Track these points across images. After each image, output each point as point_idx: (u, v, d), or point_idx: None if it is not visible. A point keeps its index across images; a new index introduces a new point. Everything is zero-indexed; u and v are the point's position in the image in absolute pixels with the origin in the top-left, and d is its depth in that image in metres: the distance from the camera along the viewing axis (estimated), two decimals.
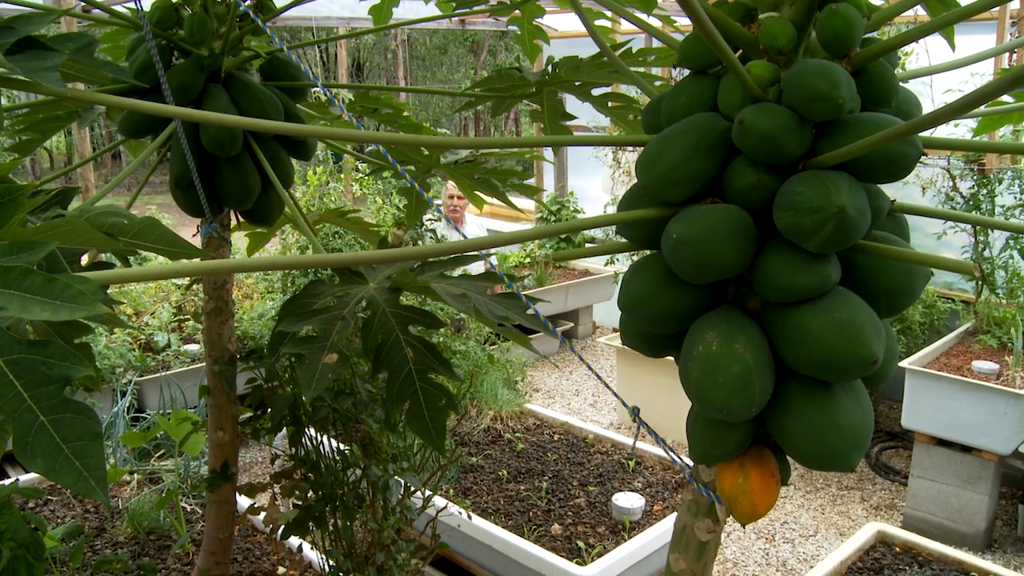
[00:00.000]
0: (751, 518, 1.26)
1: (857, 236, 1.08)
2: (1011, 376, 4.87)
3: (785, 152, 1.10)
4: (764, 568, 4.71)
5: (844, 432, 1.13)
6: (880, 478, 5.81)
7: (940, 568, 3.28)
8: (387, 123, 2.65)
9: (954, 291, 6.19)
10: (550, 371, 7.69)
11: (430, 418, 1.85)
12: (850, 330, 1.07)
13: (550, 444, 4.53)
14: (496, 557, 3.55)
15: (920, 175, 5.88)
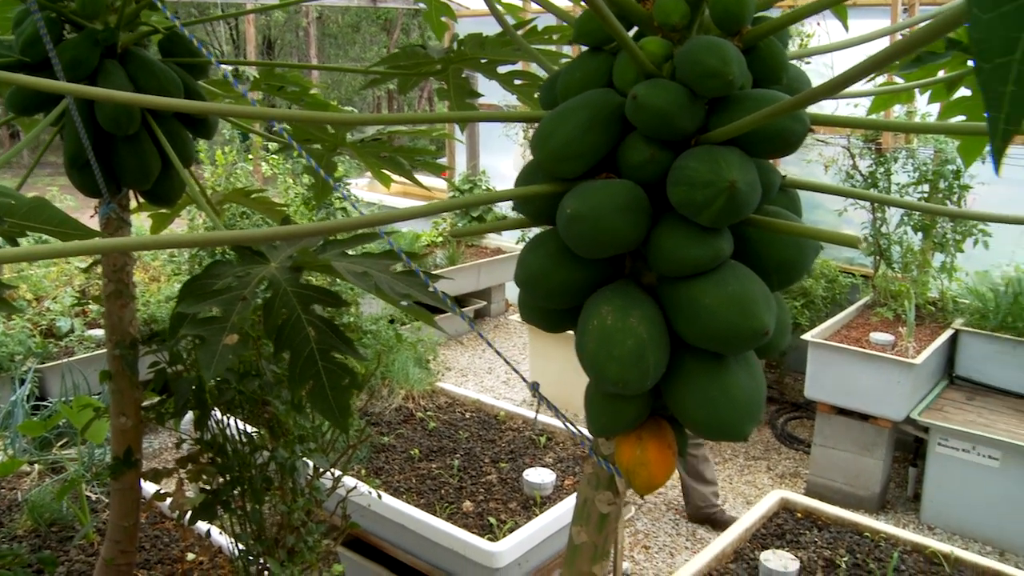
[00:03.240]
0: (649, 489, 1.28)
1: (748, 210, 1.10)
2: (905, 346, 5.06)
3: (678, 127, 1.11)
4: (675, 538, 4.81)
5: (737, 403, 1.15)
6: (785, 447, 5.98)
7: (837, 531, 3.39)
8: (293, 101, 2.60)
9: (855, 266, 6.37)
10: (463, 350, 7.70)
11: (333, 397, 1.84)
12: (741, 303, 1.09)
13: (462, 422, 4.53)
14: (408, 535, 3.55)
15: (823, 153, 6.03)
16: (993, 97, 0.56)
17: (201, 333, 1.82)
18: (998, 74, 0.55)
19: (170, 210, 2.69)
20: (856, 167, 5.83)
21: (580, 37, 1.27)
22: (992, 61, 0.55)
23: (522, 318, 1.35)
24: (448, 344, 7.73)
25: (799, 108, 0.98)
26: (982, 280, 5.62)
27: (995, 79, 0.55)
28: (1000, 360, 5.24)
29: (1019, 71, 0.54)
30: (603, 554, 1.45)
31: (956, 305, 5.69)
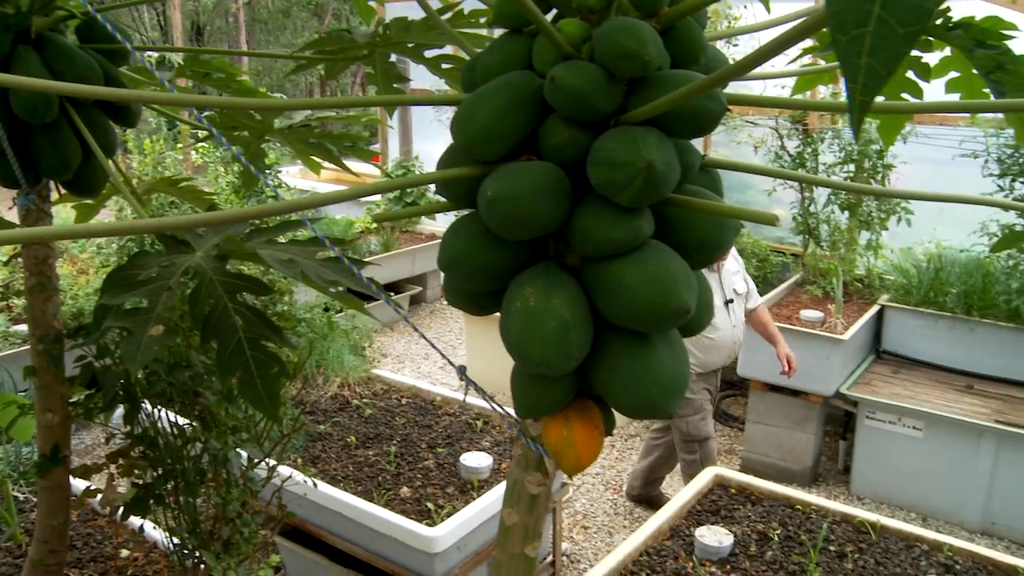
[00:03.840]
0: (577, 469, 1.29)
1: (666, 190, 1.11)
2: (833, 323, 5.17)
3: (596, 109, 1.12)
4: (613, 517, 4.86)
5: (660, 381, 1.16)
6: (721, 425, 6.07)
7: (770, 505, 3.46)
8: (220, 88, 2.56)
9: (785, 245, 6.48)
10: (400, 336, 7.67)
11: (263, 386, 1.82)
12: (662, 282, 1.11)
13: (398, 408, 4.53)
14: (347, 524, 3.54)
15: (752, 135, 6.11)
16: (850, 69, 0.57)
17: (126, 325, 1.79)
18: (853, 46, 0.56)
19: (95, 200, 2.63)
20: (784, 148, 5.93)
21: (499, 20, 1.27)
22: (848, 33, 0.56)
23: (448, 301, 1.35)
24: (384, 331, 7.70)
25: (712, 88, 0.99)
26: (906, 257, 5.77)
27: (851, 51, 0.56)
28: (923, 334, 5.39)
29: (873, 43, 0.55)
30: (534, 535, 1.46)
31: (882, 282, 5.83)
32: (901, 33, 0.55)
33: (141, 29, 20.90)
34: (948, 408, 4.86)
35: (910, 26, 0.55)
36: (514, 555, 1.47)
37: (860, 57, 0.56)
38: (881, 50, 0.55)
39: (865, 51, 0.56)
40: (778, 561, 3.10)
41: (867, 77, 0.57)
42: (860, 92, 0.57)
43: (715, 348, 4.56)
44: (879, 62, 0.55)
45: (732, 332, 4.57)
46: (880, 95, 1.87)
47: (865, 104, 0.57)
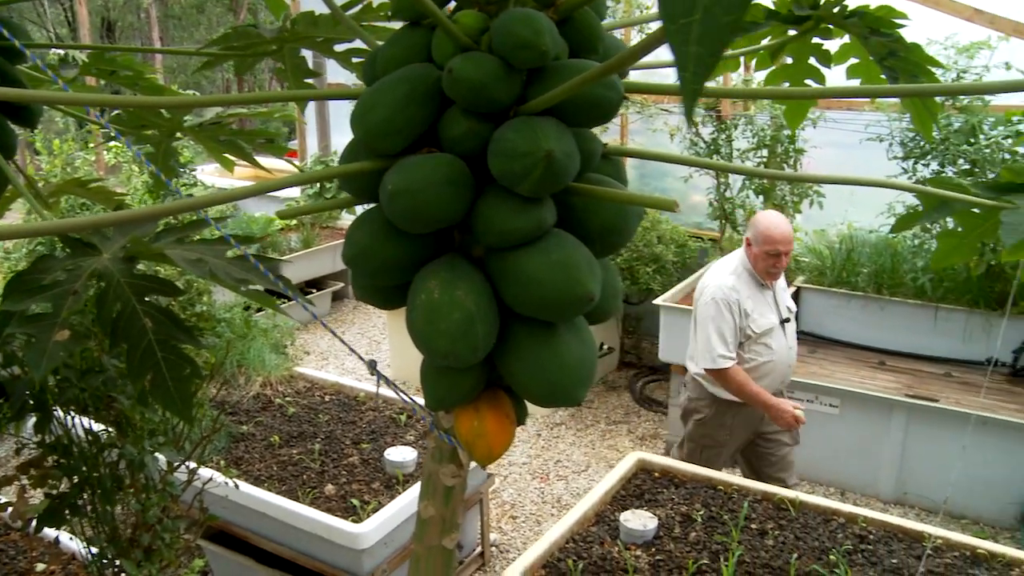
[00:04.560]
0: (489, 459, 1.29)
1: (567, 179, 1.12)
2: None
3: (495, 100, 1.12)
4: (540, 506, 4.89)
5: (568, 369, 1.17)
6: (644, 410, 6.15)
7: (693, 487, 3.52)
8: (127, 86, 2.50)
9: (703, 230, 6.57)
10: (323, 333, 7.60)
11: (175, 388, 1.79)
12: (565, 270, 1.11)
13: (322, 405, 4.49)
14: (272, 524, 3.51)
15: (668, 123, 6.18)
16: (680, 57, 0.58)
17: (29, 331, 1.74)
18: (682, 34, 0.57)
19: None
20: (699, 135, 6.01)
21: (398, 12, 1.27)
22: (677, 22, 0.57)
23: (356, 296, 1.34)
24: (307, 328, 7.61)
25: (607, 76, 1.00)
26: (820, 239, 5.90)
27: (680, 39, 0.58)
28: (837, 313, 5.52)
29: (700, 31, 0.57)
30: (451, 526, 1.46)
31: (797, 264, 5.95)
32: (725, 21, 0.57)
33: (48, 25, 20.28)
34: (862, 384, 5.00)
35: (732, 14, 0.57)
36: (432, 548, 1.47)
37: (688, 45, 0.57)
38: (707, 38, 0.57)
39: (693, 40, 0.57)
40: (701, 541, 3.16)
41: (696, 64, 0.58)
42: (691, 80, 0.58)
43: (770, 372, 4.04)
44: (706, 49, 0.57)
45: (788, 354, 4.11)
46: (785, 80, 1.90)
47: (695, 91, 0.59)
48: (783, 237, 3.88)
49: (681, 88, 0.58)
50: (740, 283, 3.98)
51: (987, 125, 5.08)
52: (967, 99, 5.12)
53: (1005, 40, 5.05)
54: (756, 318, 3.96)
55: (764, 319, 3.99)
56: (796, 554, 3.07)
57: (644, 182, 7.13)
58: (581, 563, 2.99)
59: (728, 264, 4.13)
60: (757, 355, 4.00)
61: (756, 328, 3.97)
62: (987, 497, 4.66)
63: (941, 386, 5.07)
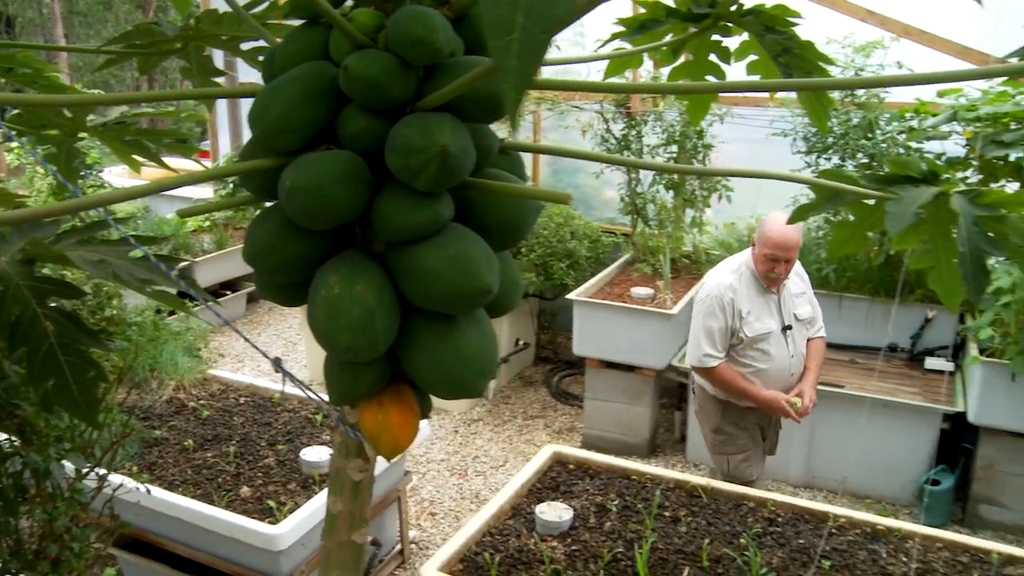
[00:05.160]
0: (394, 452, 1.31)
1: (463, 174, 1.14)
2: (663, 299, 5.35)
3: (390, 96, 1.14)
4: (459, 502, 4.91)
5: (468, 361, 1.20)
6: (561, 404, 6.21)
7: (608, 477, 3.58)
8: (26, 84, 2.44)
9: (616, 225, 6.66)
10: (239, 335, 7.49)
11: (79, 392, 1.76)
12: (463, 263, 1.14)
13: (236, 408, 4.44)
14: (187, 529, 3.46)
15: (579, 119, 6.24)
16: (503, 70, 0.63)
17: None
18: (505, 50, 0.62)
19: None
20: (610, 131, 6.09)
21: (294, 10, 1.27)
22: (500, 39, 0.62)
23: (259, 294, 1.34)
24: (222, 331, 7.49)
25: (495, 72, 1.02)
26: (730, 232, 6.03)
27: (503, 55, 0.62)
28: None
29: (519, 47, 0.62)
30: (360, 521, 1.47)
31: (708, 256, 6.08)
32: (541, 39, 0.63)
33: None
34: None
35: (547, 32, 0.62)
36: (342, 543, 1.48)
37: (510, 59, 0.61)
38: (526, 53, 0.61)
39: (513, 55, 0.61)
40: (616, 530, 3.21)
41: (516, 77, 0.63)
42: (512, 91, 0.63)
43: (767, 377, 3.85)
44: (525, 63, 0.62)
45: (789, 363, 3.87)
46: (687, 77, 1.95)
47: (517, 100, 0.64)
48: (782, 242, 3.66)
49: (505, 97, 0.63)
50: (740, 283, 3.82)
51: (883, 121, 5.25)
52: (865, 96, 5.28)
53: (896, 40, 5.23)
54: (751, 321, 3.79)
55: (760, 323, 3.80)
56: (708, 539, 3.14)
57: (557, 178, 7.20)
58: (498, 556, 3.02)
59: (732, 262, 3.97)
60: (754, 361, 3.83)
61: (750, 332, 3.79)
62: (888, 477, 4.83)
63: (846, 372, 5.24)
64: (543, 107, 6.34)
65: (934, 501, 4.77)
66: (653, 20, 1.88)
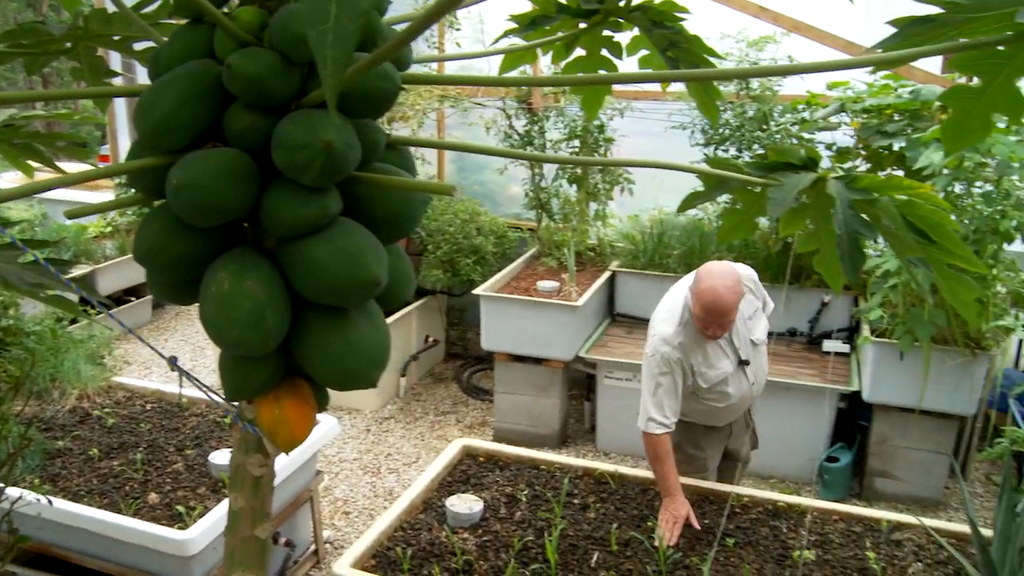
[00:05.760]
0: (292, 446, 1.33)
1: (348, 168, 1.16)
2: (568, 291, 5.43)
3: (275, 94, 1.16)
4: (373, 500, 4.91)
5: (360, 352, 1.22)
6: (472, 399, 6.25)
7: (517, 468, 3.63)
8: None
9: (522, 221, 6.71)
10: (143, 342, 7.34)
11: None
12: (351, 256, 1.16)
13: (143, 415, 4.36)
14: (94, 540, 3.39)
15: (483, 116, 6.28)
16: (320, 58, 0.68)
17: None
18: (321, 39, 0.67)
19: None
20: (512, 127, 6.14)
21: (179, 9, 1.28)
22: (316, 28, 0.67)
23: (152, 293, 1.35)
24: (128, 338, 7.34)
25: (373, 66, 1.05)
26: (633, 224, 6.14)
27: (319, 43, 0.67)
28: (651, 295, 5.71)
29: (334, 37, 0.67)
30: (262, 516, 1.48)
31: (613, 249, 6.18)
32: (351, 28, 0.69)
33: None
34: None
35: (356, 21, 0.68)
36: (245, 539, 1.49)
37: (326, 48, 0.66)
38: (339, 42, 0.66)
39: (329, 44, 0.66)
40: (526, 519, 3.27)
41: (333, 64, 0.68)
42: (330, 76, 0.68)
43: (731, 412, 3.60)
44: (340, 52, 0.66)
45: (750, 391, 3.55)
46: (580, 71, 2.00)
47: (335, 86, 0.69)
48: (711, 308, 3.20)
49: (324, 85, 0.67)
50: (686, 334, 3.36)
51: (777, 113, 5.42)
52: (759, 89, 5.44)
53: (787, 35, 5.41)
54: (705, 371, 3.39)
55: (714, 371, 3.41)
56: (616, 524, 3.22)
57: (463, 175, 7.23)
58: (410, 550, 3.05)
59: (675, 307, 3.46)
60: (714, 402, 3.49)
61: (705, 382, 3.40)
62: (790, 456, 4.99)
63: None
64: (446, 105, 6.36)
65: (833, 477, 4.95)
66: (544, 16, 1.93)
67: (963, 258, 1.57)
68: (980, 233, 4.20)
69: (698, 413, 3.56)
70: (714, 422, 3.64)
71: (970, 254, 1.55)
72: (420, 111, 6.05)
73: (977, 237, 4.21)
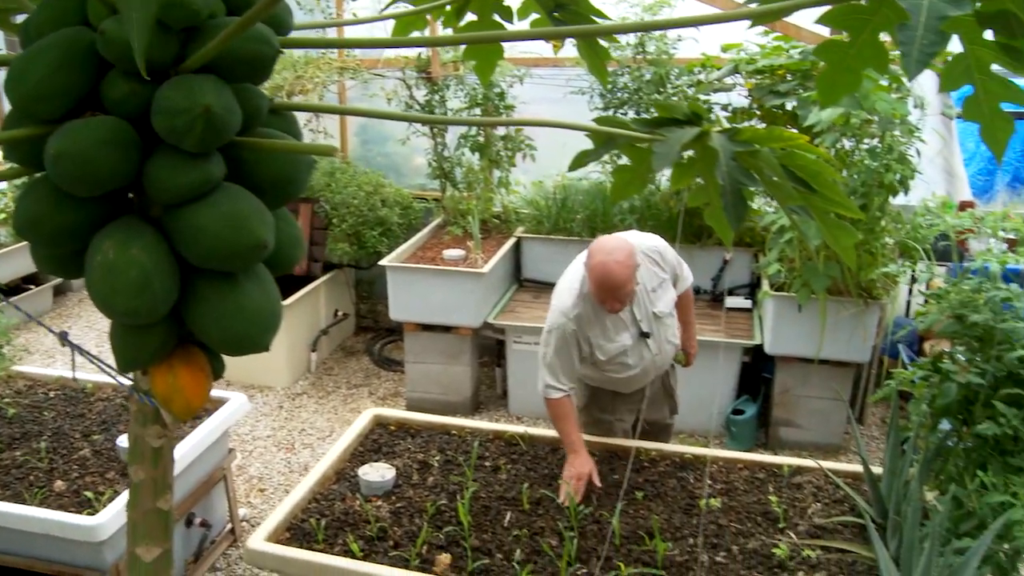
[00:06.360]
0: (188, 414, 1.33)
1: (229, 133, 1.16)
2: (474, 259, 5.46)
3: (151, 60, 1.14)
4: (288, 476, 4.90)
5: (251, 316, 1.23)
6: (384, 371, 6.26)
7: (429, 435, 3.67)
8: None
9: (427, 191, 6.71)
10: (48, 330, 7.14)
11: None
12: (236, 220, 1.17)
13: (46, 403, 4.26)
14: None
15: (384, 87, 6.24)
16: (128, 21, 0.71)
17: None
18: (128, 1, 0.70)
19: None
20: (413, 97, 6.12)
21: None
22: None
23: (37, 268, 1.33)
24: (28, 327, 7.13)
25: (244, 29, 1.06)
26: (538, 190, 6.18)
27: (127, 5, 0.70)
28: (556, 259, 5.80)
29: None
30: (164, 487, 1.48)
31: (518, 215, 6.22)
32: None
33: None
34: None
35: None
36: (147, 511, 1.49)
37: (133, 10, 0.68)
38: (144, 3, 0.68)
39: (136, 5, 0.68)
40: (439, 484, 3.30)
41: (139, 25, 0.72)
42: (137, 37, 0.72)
43: (631, 382, 3.61)
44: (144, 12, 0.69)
45: (653, 362, 3.55)
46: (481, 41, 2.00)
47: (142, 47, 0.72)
48: (604, 283, 3.21)
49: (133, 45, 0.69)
50: (584, 307, 3.37)
51: (674, 75, 5.51)
52: (655, 52, 5.52)
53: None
54: (603, 344, 3.42)
55: (613, 344, 3.43)
56: (527, 483, 3.28)
57: (367, 148, 7.19)
58: (324, 520, 3.06)
59: (575, 278, 3.46)
60: (614, 373, 3.52)
61: (603, 355, 3.43)
62: (698, 411, 5.12)
63: None
64: (346, 76, 6.31)
65: (740, 429, 5.11)
66: None
67: (841, 205, 1.63)
68: (867, 187, 4.36)
69: (602, 380, 3.64)
70: (620, 389, 3.69)
71: (847, 201, 1.62)
72: (320, 83, 5.98)
73: (864, 191, 4.36)
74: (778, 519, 3.10)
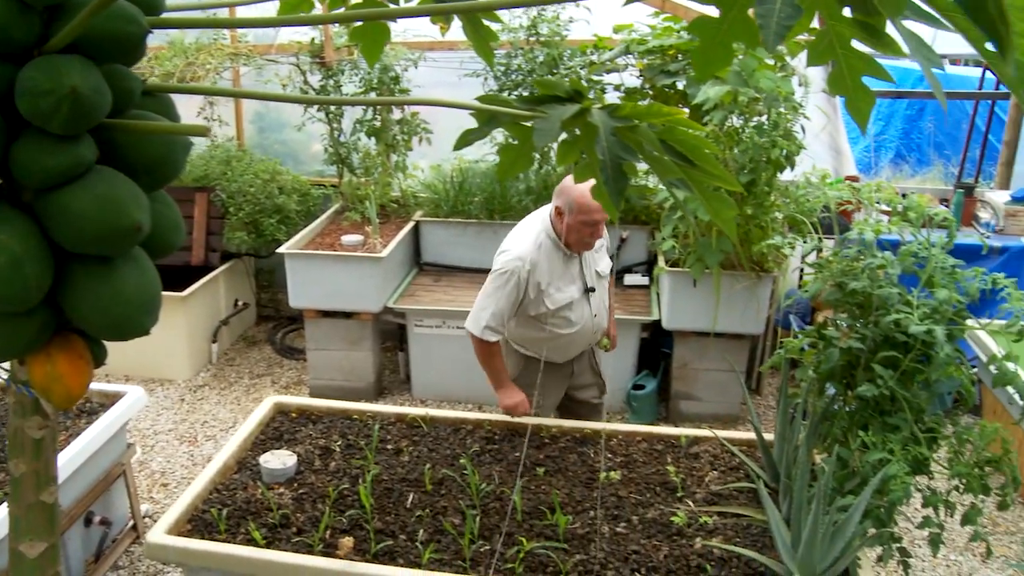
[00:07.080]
0: (69, 403, 1.31)
1: (99, 115, 1.14)
2: (372, 244, 5.44)
3: (11, 39, 1.12)
4: (191, 469, 4.82)
5: (129, 300, 1.21)
6: (287, 360, 6.20)
7: (330, 421, 3.66)
8: None
9: (325, 178, 6.64)
10: None
11: None
12: (109, 203, 1.15)
13: None
14: None
15: (278, 73, 6.15)
16: None
17: None
18: None
19: None
20: (308, 83, 6.04)
21: None
22: None
23: None
24: None
25: (105, 8, 1.04)
26: (436, 174, 6.18)
27: None
28: (455, 241, 5.86)
29: None
30: (47, 480, 1.45)
31: (416, 200, 6.21)
32: None
33: None
34: None
35: None
36: (30, 505, 1.46)
37: None
38: None
39: None
40: (341, 469, 3.30)
41: None
42: None
43: (571, 341, 3.75)
44: None
45: (592, 322, 3.74)
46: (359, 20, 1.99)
47: None
48: (592, 205, 3.39)
49: None
50: (541, 254, 3.54)
51: (567, 57, 5.56)
52: (548, 34, 5.56)
53: None
54: (552, 293, 3.57)
55: (562, 294, 3.59)
56: (429, 464, 3.29)
57: (263, 135, 7.09)
58: (226, 510, 3.03)
59: (531, 230, 3.63)
60: (555, 327, 3.64)
61: (551, 304, 3.56)
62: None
63: None
64: (239, 63, 6.20)
65: (641, 404, 5.21)
66: None
67: (720, 178, 1.68)
68: (755, 163, 4.47)
69: (539, 343, 3.69)
70: (555, 357, 3.77)
71: (726, 173, 1.66)
72: (211, 70, 5.87)
73: (753, 166, 4.48)
74: (676, 488, 3.18)
